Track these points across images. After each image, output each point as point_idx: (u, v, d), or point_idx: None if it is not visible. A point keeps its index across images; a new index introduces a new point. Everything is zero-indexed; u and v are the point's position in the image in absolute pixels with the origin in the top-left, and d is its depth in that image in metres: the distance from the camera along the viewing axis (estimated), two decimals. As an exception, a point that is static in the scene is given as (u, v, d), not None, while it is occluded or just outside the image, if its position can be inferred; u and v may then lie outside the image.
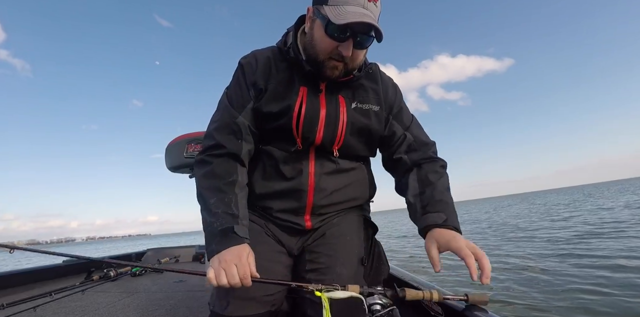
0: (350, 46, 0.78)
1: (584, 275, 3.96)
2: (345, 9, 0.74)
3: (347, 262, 0.88)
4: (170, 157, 2.22)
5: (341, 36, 0.77)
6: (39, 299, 1.75)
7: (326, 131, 0.88)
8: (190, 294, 1.88)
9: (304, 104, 0.86)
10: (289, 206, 0.91)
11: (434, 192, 0.87)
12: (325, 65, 0.82)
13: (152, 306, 1.66)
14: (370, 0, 0.76)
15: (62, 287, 2.01)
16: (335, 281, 0.81)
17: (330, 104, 0.89)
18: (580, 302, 3.09)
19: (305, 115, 0.86)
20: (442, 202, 0.85)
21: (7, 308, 1.57)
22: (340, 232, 0.93)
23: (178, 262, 3.17)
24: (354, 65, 0.85)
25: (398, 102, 0.98)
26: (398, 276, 1.44)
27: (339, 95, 0.90)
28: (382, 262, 0.96)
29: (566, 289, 3.53)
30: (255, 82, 0.88)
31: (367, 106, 0.92)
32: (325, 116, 0.88)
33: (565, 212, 14.10)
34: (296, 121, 0.86)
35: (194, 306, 1.62)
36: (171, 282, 2.22)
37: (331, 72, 0.83)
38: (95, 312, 1.58)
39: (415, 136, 0.97)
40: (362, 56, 0.85)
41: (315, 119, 0.87)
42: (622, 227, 7.36)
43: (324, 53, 0.81)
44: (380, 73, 0.98)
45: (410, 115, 1.01)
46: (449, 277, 4.87)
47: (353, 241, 0.93)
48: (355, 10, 0.74)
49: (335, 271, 0.86)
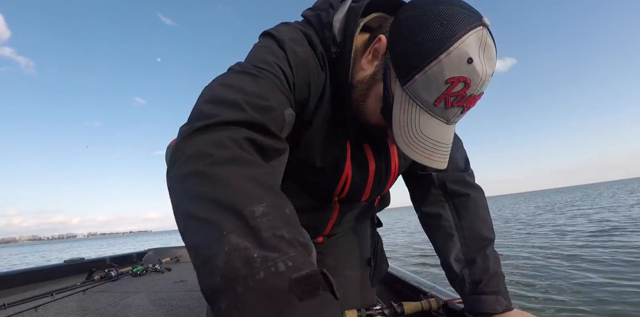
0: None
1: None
2: (423, 121, 0.48)
3: (355, 264, 0.85)
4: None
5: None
6: (40, 299, 1.75)
7: (373, 191, 0.71)
8: (191, 294, 1.88)
9: (351, 166, 0.63)
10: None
11: (488, 261, 0.66)
12: (368, 129, 0.60)
13: (153, 306, 1.67)
14: (464, 112, 0.49)
15: (63, 287, 2.02)
16: (342, 284, 0.80)
17: (378, 156, 0.67)
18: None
19: (352, 180, 0.65)
20: (496, 276, 0.66)
21: (8, 308, 1.58)
22: (346, 236, 0.89)
23: (179, 262, 3.18)
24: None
25: None
26: (398, 276, 1.44)
27: (387, 138, 0.63)
28: (383, 260, 0.95)
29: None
30: (301, 88, 0.54)
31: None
32: (374, 174, 0.67)
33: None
34: (342, 186, 0.65)
35: (195, 306, 1.62)
36: (172, 282, 2.22)
37: (373, 136, 0.63)
38: (96, 312, 1.58)
39: (454, 180, 0.75)
40: None
41: (364, 183, 0.67)
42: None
43: (371, 124, 0.58)
44: None
45: (457, 151, 0.82)
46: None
47: (360, 241, 0.89)
48: (434, 129, 0.49)
49: (343, 273, 0.82)
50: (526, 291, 3.40)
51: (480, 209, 0.72)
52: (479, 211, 0.72)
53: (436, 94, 0.46)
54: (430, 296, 0.92)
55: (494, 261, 0.67)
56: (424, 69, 0.45)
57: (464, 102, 0.47)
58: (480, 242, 0.69)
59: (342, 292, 0.80)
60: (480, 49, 0.44)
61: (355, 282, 0.81)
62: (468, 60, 0.43)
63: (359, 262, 0.86)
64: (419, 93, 0.47)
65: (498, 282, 0.66)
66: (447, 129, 0.50)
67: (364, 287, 0.81)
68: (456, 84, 0.44)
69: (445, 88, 0.45)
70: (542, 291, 3.40)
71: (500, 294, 0.65)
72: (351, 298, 0.77)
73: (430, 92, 0.46)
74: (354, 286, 0.80)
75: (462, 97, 0.46)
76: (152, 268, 2.63)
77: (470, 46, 0.43)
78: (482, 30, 0.44)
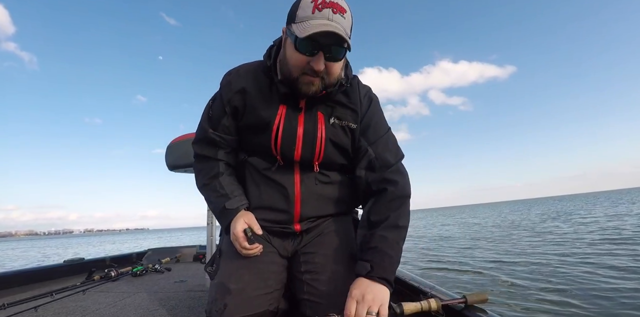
0: (321, 60, 0.78)
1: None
2: (310, 23, 0.76)
3: (341, 259, 0.92)
4: (172, 156, 2.22)
5: (310, 50, 0.78)
6: (40, 299, 1.76)
7: (304, 149, 0.91)
8: (191, 294, 1.88)
9: (282, 123, 0.89)
10: (279, 217, 0.94)
11: (372, 238, 0.85)
12: (300, 81, 0.83)
13: (152, 306, 1.67)
14: (335, 12, 0.76)
15: (63, 287, 2.02)
16: (331, 278, 0.87)
17: (308, 122, 0.91)
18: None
19: (283, 134, 0.89)
20: (375, 250, 0.83)
21: (8, 308, 1.58)
22: (331, 233, 0.97)
23: (179, 262, 3.17)
24: (332, 79, 0.84)
25: (369, 119, 0.95)
26: (398, 276, 1.44)
27: (318, 112, 0.91)
28: None
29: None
30: (231, 99, 0.93)
31: (345, 123, 0.93)
32: (303, 134, 0.90)
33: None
34: (274, 140, 0.90)
35: (195, 306, 1.62)
36: (172, 282, 2.22)
37: (307, 89, 0.83)
38: (96, 312, 1.58)
39: (377, 153, 0.93)
40: (338, 69, 0.84)
41: (293, 138, 0.90)
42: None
43: (297, 69, 0.81)
44: (359, 87, 0.96)
45: (381, 129, 0.97)
46: (448, 275, 4.87)
47: (344, 239, 0.96)
48: (320, 22, 0.75)
49: (331, 269, 0.89)
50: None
51: (393, 202, 0.89)
52: (391, 203, 0.89)
53: (310, 8, 0.77)
54: (430, 296, 0.93)
55: (380, 237, 0.84)
56: (297, 9, 0.80)
57: (329, 5, 0.76)
58: (377, 216, 0.88)
59: (332, 286, 0.86)
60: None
61: (345, 276, 0.86)
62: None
63: (346, 258, 0.92)
64: (300, 17, 0.78)
65: (372, 254, 0.82)
66: (334, 23, 0.76)
67: (353, 280, 0.84)
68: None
69: (311, 5, 0.76)
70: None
71: (371, 263, 0.80)
72: (344, 290, 0.80)
73: (306, 10, 0.77)
74: (342, 280, 0.85)
75: (326, 2, 0.76)
76: (152, 268, 2.63)
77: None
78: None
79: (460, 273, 5.04)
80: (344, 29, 0.77)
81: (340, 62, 0.84)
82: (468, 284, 4.32)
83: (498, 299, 3.47)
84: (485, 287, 4.07)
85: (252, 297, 0.85)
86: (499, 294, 3.71)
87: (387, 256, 0.82)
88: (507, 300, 3.45)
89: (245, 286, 0.86)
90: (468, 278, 4.67)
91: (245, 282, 0.86)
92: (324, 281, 0.88)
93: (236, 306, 0.83)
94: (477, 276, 4.71)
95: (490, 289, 3.96)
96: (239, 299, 0.84)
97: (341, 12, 0.77)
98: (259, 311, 0.84)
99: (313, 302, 0.87)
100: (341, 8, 0.77)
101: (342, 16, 0.77)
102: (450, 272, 5.16)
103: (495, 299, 3.47)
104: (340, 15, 0.77)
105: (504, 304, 3.31)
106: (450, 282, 4.53)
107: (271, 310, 0.88)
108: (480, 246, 7.95)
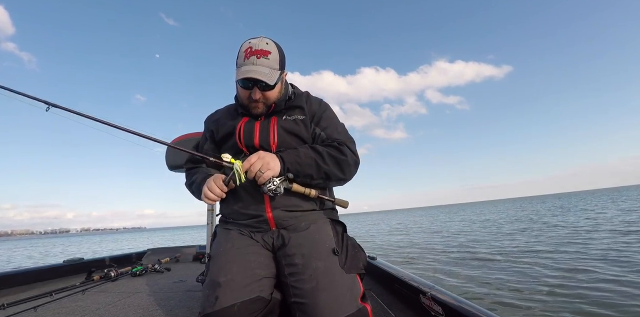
0: (256, 91, 1.07)
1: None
2: (240, 70, 1.04)
3: (319, 255, 0.97)
4: (172, 156, 2.21)
5: (248, 86, 1.08)
6: (39, 299, 1.76)
7: (261, 136, 1.12)
8: (190, 294, 1.88)
9: (244, 123, 1.15)
10: (251, 211, 1.07)
11: (300, 147, 1.08)
12: (249, 106, 1.13)
13: (152, 306, 1.66)
14: (259, 57, 1.04)
15: (63, 287, 2.02)
16: (312, 276, 0.92)
17: (264, 121, 1.16)
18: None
19: (244, 129, 1.14)
20: (294, 150, 1.06)
21: (7, 308, 1.58)
22: (308, 232, 1.04)
23: (179, 262, 3.17)
24: (270, 102, 1.12)
25: (320, 113, 1.19)
26: (398, 276, 1.44)
27: (273, 116, 1.16)
28: (358, 250, 1.06)
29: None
30: (209, 127, 1.26)
31: (294, 117, 1.16)
32: (259, 127, 1.14)
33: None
34: (238, 134, 1.14)
35: (195, 306, 1.62)
36: (171, 283, 2.22)
37: (255, 111, 1.13)
38: (95, 313, 1.58)
39: (328, 134, 1.17)
40: (274, 94, 1.11)
41: (251, 130, 1.13)
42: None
43: (244, 99, 1.13)
44: (309, 97, 1.23)
45: (332, 119, 1.20)
46: (449, 276, 4.88)
47: (321, 236, 1.03)
48: (245, 69, 1.04)
49: (311, 266, 0.94)
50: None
51: (338, 148, 1.09)
52: (334, 147, 1.10)
53: (242, 57, 1.06)
54: (430, 296, 0.93)
55: (305, 148, 1.07)
56: (237, 57, 1.09)
57: (254, 53, 1.04)
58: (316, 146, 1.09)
59: (314, 283, 0.91)
60: (254, 39, 1.08)
61: (325, 272, 0.92)
62: (248, 43, 1.07)
63: (324, 253, 0.98)
64: (238, 64, 1.08)
65: (289, 150, 1.06)
66: (256, 66, 1.03)
67: (334, 273, 0.93)
68: (246, 49, 1.05)
69: (243, 54, 1.05)
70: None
71: (282, 152, 1.05)
72: (324, 285, 0.87)
73: (240, 58, 1.06)
74: (323, 275, 0.92)
75: (252, 51, 1.04)
76: (152, 268, 2.63)
77: (247, 41, 1.09)
78: (251, 40, 1.09)
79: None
80: (267, 68, 1.04)
81: (275, 89, 1.09)
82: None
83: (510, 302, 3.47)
84: (484, 287, 4.07)
85: (242, 286, 0.89)
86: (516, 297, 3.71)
87: (296, 150, 1.05)
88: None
89: (233, 277, 0.92)
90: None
91: (233, 273, 0.92)
92: (306, 280, 0.92)
93: (227, 295, 0.87)
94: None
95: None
96: (229, 289, 0.88)
97: (264, 55, 1.04)
98: (250, 297, 0.89)
99: (299, 303, 0.89)
100: (264, 52, 1.04)
101: (267, 58, 1.04)
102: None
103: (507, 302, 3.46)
104: (264, 58, 1.04)
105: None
106: (448, 282, 4.53)
107: (263, 297, 0.91)
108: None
